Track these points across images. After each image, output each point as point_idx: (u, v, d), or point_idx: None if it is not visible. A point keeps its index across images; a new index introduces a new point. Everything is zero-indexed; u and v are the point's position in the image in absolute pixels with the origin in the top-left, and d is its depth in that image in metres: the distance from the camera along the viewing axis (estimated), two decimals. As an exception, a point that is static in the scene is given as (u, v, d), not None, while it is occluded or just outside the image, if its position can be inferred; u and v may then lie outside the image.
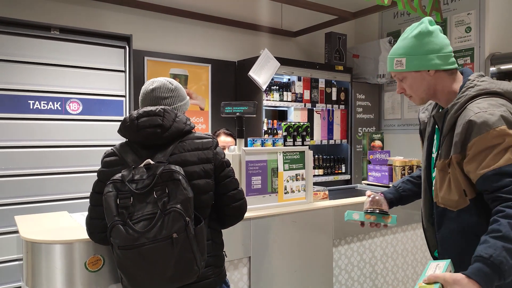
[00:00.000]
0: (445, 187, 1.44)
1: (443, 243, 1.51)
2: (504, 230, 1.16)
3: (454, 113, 1.42)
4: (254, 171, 2.33)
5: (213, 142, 1.65)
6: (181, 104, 1.74)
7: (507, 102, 1.38)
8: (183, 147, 1.58)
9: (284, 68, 4.14)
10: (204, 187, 1.57)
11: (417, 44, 1.48)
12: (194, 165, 1.56)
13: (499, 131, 1.27)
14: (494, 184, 1.26)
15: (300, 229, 2.39)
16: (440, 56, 1.46)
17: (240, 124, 2.32)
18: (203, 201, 1.57)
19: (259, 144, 2.39)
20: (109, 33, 3.12)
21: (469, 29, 4.19)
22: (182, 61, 4.00)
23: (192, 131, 1.67)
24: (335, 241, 2.55)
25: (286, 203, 2.44)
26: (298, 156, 2.52)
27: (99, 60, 3.06)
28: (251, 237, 2.18)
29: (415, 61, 1.49)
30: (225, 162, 1.65)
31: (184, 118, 1.63)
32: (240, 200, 1.68)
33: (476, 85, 1.42)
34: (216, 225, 1.68)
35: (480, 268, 1.14)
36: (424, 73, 1.50)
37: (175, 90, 1.73)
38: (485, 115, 1.30)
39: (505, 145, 1.26)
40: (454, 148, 1.38)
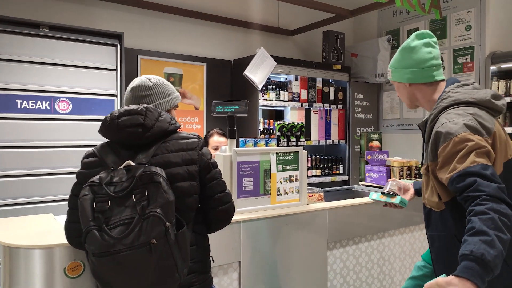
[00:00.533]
0: (429, 190, 1.57)
1: (433, 242, 1.61)
2: (476, 226, 1.22)
3: (429, 123, 1.56)
4: (245, 172, 2.26)
5: (198, 142, 1.57)
6: (163, 101, 1.67)
7: (480, 110, 1.48)
8: (166, 147, 1.51)
9: (281, 67, 4.06)
10: (188, 190, 1.50)
11: (399, 58, 1.69)
12: (177, 167, 1.49)
13: (461, 137, 1.37)
14: (460, 185, 1.34)
15: (293, 232, 2.32)
16: (415, 71, 1.63)
17: (232, 123, 2.25)
18: (187, 205, 1.50)
19: (251, 145, 2.32)
20: (100, 31, 3.05)
21: (469, 27, 4.11)
22: (177, 59, 3.93)
23: (178, 131, 1.60)
24: (330, 244, 2.48)
25: (279, 205, 2.37)
26: (292, 157, 2.44)
27: (89, 58, 2.99)
28: (241, 241, 2.11)
29: (395, 73, 1.72)
30: (211, 163, 1.58)
31: (168, 117, 1.56)
32: (228, 203, 1.61)
33: (449, 97, 1.54)
34: (202, 229, 1.61)
35: (465, 265, 1.18)
36: (403, 84, 1.70)
37: (153, 87, 1.66)
38: (449, 125, 1.42)
39: (468, 149, 1.35)
40: (429, 156, 1.52)
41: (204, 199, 1.57)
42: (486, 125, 1.44)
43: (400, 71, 1.68)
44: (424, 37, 1.65)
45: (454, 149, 1.38)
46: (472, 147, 1.35)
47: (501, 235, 1.20)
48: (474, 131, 1.40)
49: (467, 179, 1.31)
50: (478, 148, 1.35)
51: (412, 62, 1.63)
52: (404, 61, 1.66)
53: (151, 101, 1.64)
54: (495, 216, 1.22)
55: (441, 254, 1.57)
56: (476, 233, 1.21)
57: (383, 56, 4.63)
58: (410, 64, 1.64)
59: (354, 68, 4.80)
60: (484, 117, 1.46)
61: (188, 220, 1.51)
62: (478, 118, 1.44)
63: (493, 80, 3.91)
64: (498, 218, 1.22)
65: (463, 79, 4.18)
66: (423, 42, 1.63)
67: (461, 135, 1.38)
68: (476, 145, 1.36)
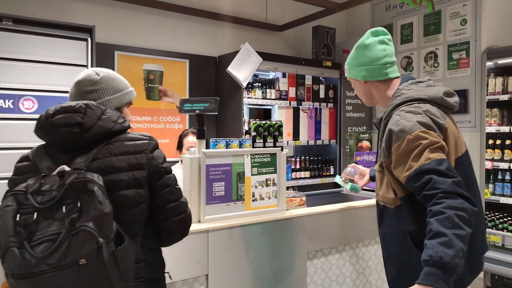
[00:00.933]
0: (384, 186, 1.57)
1: (385, 239, 1.61)
2: (434, 228, 1.24)
3: (383, 121, 1.57)
4: (216, 176, 2.07)
5: (149, 144, 1.39)
6: (112, 98, 1.48)
7: (433, 106, 1.50)
8: (109, 150, 1.32)
9: (267, 64, 3.88)
10: (134, 199, 1.31)
11: (354, 55, 1.70)
12: (121, 172, 1.31)
13: (414, 135, 1.39)
14: (417, 184, 1.35)
15: (268, 241, 2.14)
16: (369, 69, 1.64)
17: (201, 123, 2.06)
18: (133, 216, 1.32)
19: (222, 146, 2.14)
20: (69, 24, 2.87)
21: (465, 21, 3.92)
22: (157, 56, 3.74)
23: (127, 131, 1.41)
24: (310, 253, 2.30)
25: (254, 212, 2.19)
26: (268, 159, 2.26)
27: (57, 54, 2.80)
28: (208, 252, 1.93)
29: (351, 71, 1.73)
30: (163, 168, 1.39)
31: (114, 115, 1.38)
32: (183, 213, 1.43)
33: (403, 94, 1.55)
34: (153, 244, 1.42)
35: (426, 272, 1.21)
36: (358, 81, 1.71)
37: (101, 82, 1.47)
38: (403, 122, 1.43)
39: (422, 147, 1.36)
40: (383, 153, 1.52)
41: (155, 209, 1.39)
42: (438, 121, 1.46)
43: (356, 69, 1.69)
44: (379, 34, 1.67)
45: (408, 147, 1.39)
46: (425, 144, 1.36)
47: (458, 232, 1.22)
48: (427, 127, 1.41)
49: (423, 177, 1.33)
50: (431, 144, 1.37)
51: (366, 60, 1.65)
52: (359, 58, 1.67)
53: (98, 97, 1.46)
54: (451, 214, 1.24)
55: (392, 252, 1.57)
56: (434, 235, 1.24)
57: (375, 52, 4.44)
58: (365, 62, 1.65)
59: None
60: (436, 114, 1.48)
61: (135, 234, 1.33)
62: (430, 115, 1.46)
63: (490, 76, 3.72)
64: (454, 215, 1.23)
65: (459, 75, 4.01)
66: (377, 39, 1.64)
67: (414, 133, 1.39)
68: (429, 142, 1.37)
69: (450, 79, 4.04)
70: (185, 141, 2.82)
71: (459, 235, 1.22)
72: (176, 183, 1.44)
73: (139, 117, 3.68)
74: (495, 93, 3.69)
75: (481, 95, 3.76)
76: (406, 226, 1.49)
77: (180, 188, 1.46)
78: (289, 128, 4.19)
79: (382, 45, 1.64)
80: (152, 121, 3.76)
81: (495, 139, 3.71)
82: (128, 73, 3.58)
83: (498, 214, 3.76)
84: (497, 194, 3.72)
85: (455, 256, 1.19)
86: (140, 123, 3.69)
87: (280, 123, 2.34)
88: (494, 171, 3.77)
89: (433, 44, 4.20)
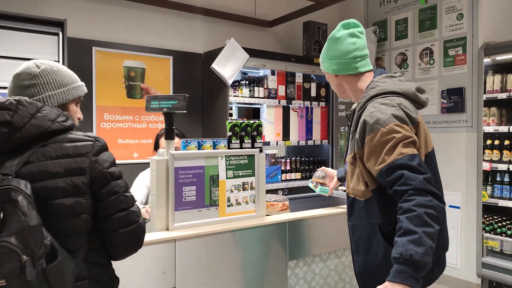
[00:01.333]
0: (354, 179, 1.57)
1: (354, 231, 1.62)
2: (404, 225, 1.27)
3: (357, 112, 1.56)
4: (186, 180, 1.91)
5: (93, 146, 1.23)
6: (54, 93, 1.31)
7: (406, 100, 1.51)
8: (45, 153, 1.16)
9: (254, 61, 3.70)
10: (73, 208, 1.15)
11: (326, 48, 1.69)
12: (57, 178, 1.14)
13: (389, 128, 1.39)
14: (389, 179, 1.36)
15: (244, 250, 1.97)
16: (339, 63, 1.63)
17: (169, 122, 1.90)
18: (72, 227, 1.16)
19: (194, 147, 1.97)
20: (38, 18, 2.70)
21: (461, 16, 3.74)
22: (139, 52, 3.58)
23: (69, 131, 1.25)
24: (291, 262, 2.13)
25: (229, 218, 2.02)
26: (246, 161, 2.09)
27: (26, 49, 2.64)
28: (175, 262, 1.76)
29: (323, 63, 1.72)
30: (109, 173, 1.23)
31: (52, 113, 1.21)
32: (132, 223, 1.26)
33: (377, 86, 1.55)
34: (100, 258, 1.26)
35: (396, 269, 1.23)
36: (330, 74, 1.71)
37: (41, 75, 1.30)
38: (377, 114, 1.43)
39: (395, 141, 1.37)
40: (356, 144, 1.50)
41: (100, 219, 1.23)
42: (411, 115, 1.47)
43: (327, 62, 1.68)
44: (350, 27, 1.64)
45: (382, 140, 1.39)
46: (399, 138, 1.37)
47: (427, 230, 1.25)
48: (401, 121, 1.42)
49: (395, 172, 1.34)
50: (405, 139, 1.38)
51: (337, 54, 1.63)
52: (330, 52, 1.66)
53: (37, 93, 1.29)
54: (421, 212, 1.26)
55: (361, 243, 1.59)
56: (404, 233, 1.26)
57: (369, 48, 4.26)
58: (335, 56, 1.64)
59: (338, 62, 4.43)
60: (409, 108, 1.49)
61: (76, 248, 1.17)
62: (404, 108, 1.47)
63: (488, 74, 3.55)
64: (424, 213, 1.26)
65: (455, 73, 3.83)
66: (348, 32, 1.62)
67: (388, 126, 1.39)
68: (403, 136, 1.38)
69: (446, 77, 3.87)
70: (161, 141, 2.66)
71: (429, 233, 1.24)
72: (126, 190, 1.27)
73: (119, 116, 3.52)
74: (493, 91, 3.51)
75: (478, 93, 3.58)
76: (375, 218, 1.52)
77: (132, 196, 1.29)
78: (278, 128, 4.03)
79: (352, 38, 1.62)
80: (134, 120, 3.60)
81: (493, 140, 3.54)
82: (107, 70, 3.43)
83: (496, 217, 3.58)
84: (496, 197, 3.55)
85: (425, 254, 1.22)
86: (120, 122, 3.52)
87: (259, 123, 2.18)
88: (492, 173, 3.60)
89: (428, 40, 4.03)
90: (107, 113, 3.45)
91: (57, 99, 1.32)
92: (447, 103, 3.82)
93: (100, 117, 3.41)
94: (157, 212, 1.85)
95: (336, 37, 1.63)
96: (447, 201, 3.77)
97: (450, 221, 3.79)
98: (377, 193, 1.50)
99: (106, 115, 3.44)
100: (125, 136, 3.55)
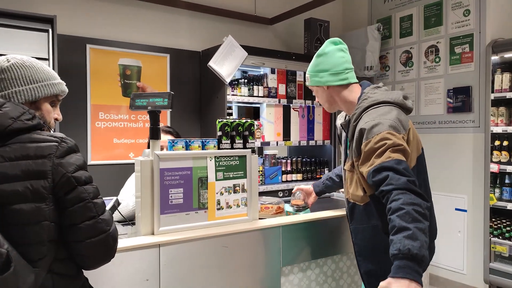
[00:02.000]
0: (353, 185, 1.68)
1: (356, 234, 1.74)
2: (396, 223, 1.32)
3: (353, 122, 1.67)
4: (173, 182, 1.81)
5: (58, 147, 1.13)
6: (23, 89, 1.22)
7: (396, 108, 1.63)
8: (3, 153, 1.08)
9: (253, 59, 3.60)
10: (33, 215, 1.06)
11: (315, 63, 1.82)
12: (15, 182, 1.05)
13: (381, 136, 1.49)
14: (375, 179, 1.45)
15: (234, 256, 1.87)
16: (331, 74, 1.76)
17: (154, 121, 1.81)
18: (32, 235, 1.07)
19: (181, 147, 1.87)
20: (28, 14, 2.62)
21: (468, 12, 3.61)
22: (135, 50, 3.50)
23: (35, 131, 1.16)
24: (285, 268, 2.02)
25: (219, 222, 1.92)
26: (237, 162, 1.99)
27: (14, 46, 2.57)
28: (160, 269, 1.67)
29: (313, 78, 1.82)
30: (75, 178, 1.13)
31: (16, 111, 1.12)
32: (102, 233, 1.16)
33: (369, 97, 1.68)
34: (67, 268, 1.17)
35: (397, 265, 1.27)
36: (321, 87, 1.82)
37: (10, 70, 1.22)
38: (372, 123, 1.54)
39: (385, 147, 1.47)
40: (354, 153, 1.62)
41: (66, 228, 1.13)
42: (404, 123, 1.58)
43: (318, 76, 1.79)
44: (337, 43, 1.80)
45: (374, 146, 1.49)
46: (389, 145, 1.47)
47: (419, 225, 1.31)
48: (394, 129, 1.52)
49: (381, 173, 1.43)
50: (394, 145, 1.47)
51: (328, 66, 1.76)
52: (320, 65, 1.78)
53: (4, 88, 1.21)
54: (410, 209, 1.32)
55: (364, 245, 1.71)
56: (398, 230, 1.31)
57: (372, 46, 4.15)
58: (327, 68, 1.76)
59: (341, 61, 4.30)
60: (401, 115, 1.61)
61: (38, 257, 1.08)
62: (398, 116, 1.58)
63: (496, 72, 3.41)
64: (412, 210, 1.32)
65: (462, 71, 3.69)
66: (336, 47, 1.78)
67: (381, 134, 1.49)
68: (393, 143, 1.47)
69: (453, 75, 3.74)
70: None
71: (421, 228, 1.30)
72: (96, 196, 1.17)
73: (115, 115, 3.44)
74: (501, 90, 3.37)
75: (485, 92, 3.45)
76: (375, 221, 1.62)
77: (102, 203, 1.19)
78: (279, 127, 3.92)
79: (340, 52, 1.77)
80: (130, 119, 3.52)
81: (502, 140, 3.40)
82: (102, 68, 3.35)
83: (505, 221, 3.44)
84: (505, 200, 3.41)
85: (421, 247, 1.27)
86: (116, 122, 3.44)
87: (251, 122, 2.07)
88: (500, 175, 3.46)
89: (434, 37, 3.89)
90: (102, 112, 3.37)
91: (25, 96, 1.23)
92: (454, 103, 3.68)
93: (95, 116, 3.33)
94: (141, 216, 1.75)
95: (326, 51, 1.78)
96: (453, 204, 3.64)
97: (456, 225, 3.65)
98: (374, 198, 1.59)
99: (101, 114, 3.36)
100: (120, 136, 3.47)
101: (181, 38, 3.82)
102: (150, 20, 3.66)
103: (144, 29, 3.62)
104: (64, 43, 3.07)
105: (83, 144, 3.22)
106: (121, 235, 1.96)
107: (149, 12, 3.65)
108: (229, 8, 4.00)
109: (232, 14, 4.00)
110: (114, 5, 3.48)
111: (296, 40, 4.51)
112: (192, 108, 3.84)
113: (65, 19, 3.18)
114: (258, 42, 4.14)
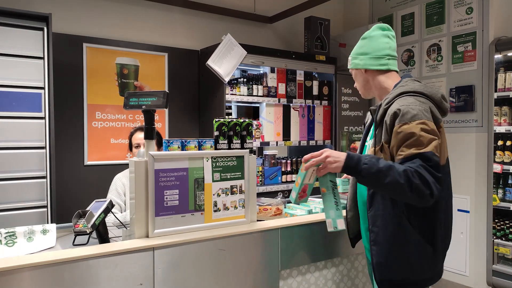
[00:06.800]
0: None
1: (375, 221, 1.64)
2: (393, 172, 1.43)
3: (385, 105, 1.63)
4: (168, 183, 1.76)
5: None
6: None
7: (430, 102, 1.60)
8: None
9: (252, 57, 3.55)
10: None
11: (358, 46, 1.82)
12: None
13: (417, 123, 1.48)
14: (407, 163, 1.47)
15: (231, 259, 1.82)
16: (371, 58, 1.75)
17: (149, 120, 1.76)
18: None
19: (176, 147, 1.83)
20: (22, 12, 2.57)
21: (471, 10, 3.55)
22: (132, 49, 3.45)
23: None
24: (284, 272, 1.97)
25: (216, 224, 1.87)
26: (234, 163, 1.94)
27: (9, 45, 2.52)
28: (154, 273, 1.62)
29: (353, 61, 1.82)
30: None
31: None
32: None
33: (407, 85, 1.65)
34: None
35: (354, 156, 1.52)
36: (360, 70, 1.80)
37: None
38: (408, 108, 1.52)
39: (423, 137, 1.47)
40: (384, 135, 1.58)
41: None
42: (437, 116, 1.57)
43: (358, 58, 1.78)
44: (384, 29, 1.79)
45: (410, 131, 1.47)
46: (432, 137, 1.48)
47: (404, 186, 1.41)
48: (427, 118, 1.51)
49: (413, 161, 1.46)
50: (432, 134, 1.49)
51: (369, 49, 1.76)
52: (363, 48, 1.78)
53: None
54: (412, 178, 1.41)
55: (383, 233, 1.61)
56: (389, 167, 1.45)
57: (373, 45, 4.09)
58: (368, 51, 1.76)
59: (342, 60, 4.26)
60: (435, 109, 1.59)
61: None
62: (432, 108, 1.57)
63: (500, 71, 3.36)
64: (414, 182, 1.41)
65: (464, 70, 3.63)
66: (382, 33, 1.77)
67: (417, 121, 1.48)
68: (431, 131, 1.49)
69: (455, 74, 3.68)
70: (132, 139, 2.51)
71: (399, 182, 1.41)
72: None
73: (112, 115, 3.39)
74: (505, 89, 3.32)
75: (488, 91, 3.39)
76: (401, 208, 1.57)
77: None
78: (278, 127, 3.87)
79: (386, 38, 1.76)
80: (127, 119, 3.47)
81: (505, 140, 3.35)
82: (99, 67, 3.30)
83: (508, 222, 3.39)
84: (508, 201, 3.36)
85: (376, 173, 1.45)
86: (113, 121, 3.40)
87: (249, 121, 2.02)
88: (504, 175, 3.40)
89: (436, 35, 3.84)
90: (99, 111, 3.32)
91: None
92: (456, 102, 3.62)
93: (91, 116, 3.28)
94: (135, 218, 1.70)
95: (371, 35, 1.77)
96: (456, 205, 3.58)
97: (459, 226, 3.60)
98: None
99: (98, 114, 3.31)
100: (118, 136, 3.43)
101: (180, 37, 3.78)
102: (149, 18, 3.61)
103: (142, 27, 3.57)
104: (60, 42, 3.03)
105: (79, 144, 3.17)
106: (115, 237, 1.91)
107: (148, 10, 3.60)
108: (228, 6, 3.95)
109: (232, 12, 3.95)
110: (112, 2, 3.43)
111: (296, 38, 4.46)
112: (190, 107, 3.79)
113: (61, 17, 3.14)
114: (258, 41, 4.10)
